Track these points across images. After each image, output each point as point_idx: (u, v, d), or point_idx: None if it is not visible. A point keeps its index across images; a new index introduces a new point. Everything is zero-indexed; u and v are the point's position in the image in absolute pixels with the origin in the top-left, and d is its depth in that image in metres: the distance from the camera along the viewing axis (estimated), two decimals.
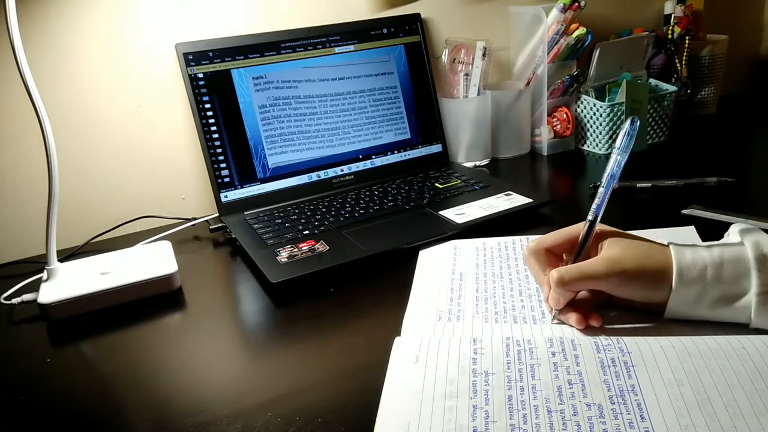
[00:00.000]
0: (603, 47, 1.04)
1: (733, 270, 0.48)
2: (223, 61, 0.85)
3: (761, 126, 1.17)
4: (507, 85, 1.09)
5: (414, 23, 0.98)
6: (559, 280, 0.50)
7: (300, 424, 0.45)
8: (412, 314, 0.57)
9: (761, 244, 0.48)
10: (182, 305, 0.66)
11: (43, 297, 0.64)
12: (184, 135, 0.90)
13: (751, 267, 0.47)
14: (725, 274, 0.48)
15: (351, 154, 0.94)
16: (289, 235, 0.76)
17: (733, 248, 0.49)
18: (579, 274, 0.50)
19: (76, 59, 0.83)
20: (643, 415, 0.41)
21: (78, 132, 0.85)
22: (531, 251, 0.56)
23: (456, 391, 0.44)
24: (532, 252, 0.56)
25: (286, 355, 0.55)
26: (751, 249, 0.48)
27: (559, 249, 0.55)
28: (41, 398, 0.52)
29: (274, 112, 0.88)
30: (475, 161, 1.03)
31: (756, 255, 0.48)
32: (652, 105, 1.04)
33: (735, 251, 0.49)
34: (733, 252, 0.49)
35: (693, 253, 0.49)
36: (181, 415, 0.47)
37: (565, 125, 1.05)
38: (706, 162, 0.96)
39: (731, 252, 0.49)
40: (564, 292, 0.51)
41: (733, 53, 1.24)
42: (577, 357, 0.47)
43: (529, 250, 0.56)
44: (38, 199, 0.82)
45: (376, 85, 0.95)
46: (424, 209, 0.81)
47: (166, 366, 0.56)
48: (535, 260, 0.56)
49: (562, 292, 0.51)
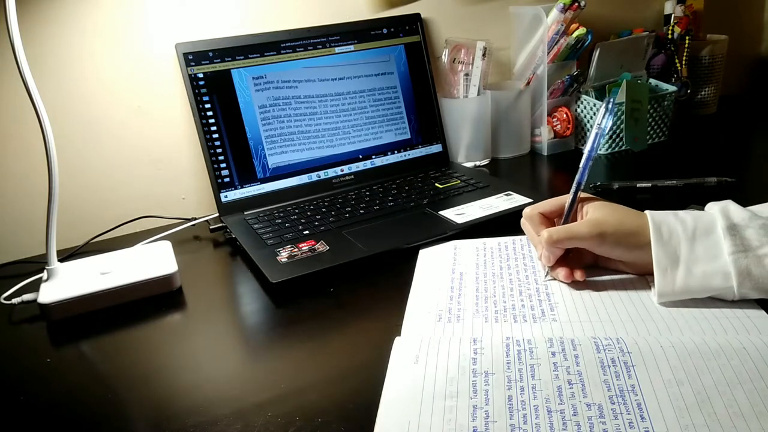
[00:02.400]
0: (603, 47, 1.04)
1: (704, 229, 0.54)
2: (223, 61, 0.85)
3: (761, 126, 1.17)
4: (507, 85, 1.09)
5: (414, 23, 0.98)
6: (548, 238, 0.58)
7: (300, 424, 0.45)
8: (412, 314, 0.57)
9: (729, 209, 0.55)
10: (182, 305, 0.66)
11: (43, 297, 0.64)
12: (184, 135, 0.90)
13: (720, 228, 0.53)
14: (698, 233, 0.54)
15: (351, 154, 0.94)
16: (289, 235, 0.76)
17: (702, 212, 0.56)
18: (565, 233, 0.58)
19: (77, 59, 0.83)
20: (643, 415, 0.41)
21: (78, 132, 0.85)
22: (526, 216, 0.63)
23: (456, 391, 0.44)
24: (528, 217, 0.63)
25: (286, 355, 0.55)
26: (720, 214, 0.54)
27: (551, 214, 0.63)
28: (41, 398, 0.52)
29: (274, 112, 0.88)
30: (475, 161, 1.03)
31: (724, 217, 0.54)
32: (652, 105, 1.04)
33: (705, 214, 0.56)
34: (703, 214, 0.55)
35: (666, 215, 0.56)
36: (181, 415, 0.47)
37: (565, 125, 1.05)
38: (706, 162, 0.96)
39: (701, 214, 0.56)
40: (553, 250, 0.59)
41: (733, 53, 1.24)
42: (577, 357, 0.47)
43: (525, 215, 0.64)
44: (38, 199, 0.82)
45: (376, 85, 0.95)
46: (424, 209, 0.81)
47: (166, 366, 0.56)
48: (530, 224, 0.63)
49: (552, 250, 0.59)
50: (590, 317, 0.54)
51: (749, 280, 0.51)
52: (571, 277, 0.59)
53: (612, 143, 1.03)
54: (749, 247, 0.52)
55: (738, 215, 0.54)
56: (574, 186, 0.61)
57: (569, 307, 0.56)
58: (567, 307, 0.56)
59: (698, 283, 0.53)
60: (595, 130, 0.61)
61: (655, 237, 0.54)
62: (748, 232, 0.52)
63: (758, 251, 0.51)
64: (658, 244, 0.54)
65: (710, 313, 0.52)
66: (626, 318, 0.53)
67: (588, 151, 0.61)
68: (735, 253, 0.52)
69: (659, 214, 0.56)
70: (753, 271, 0.51)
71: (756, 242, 0.52)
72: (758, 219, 0.53)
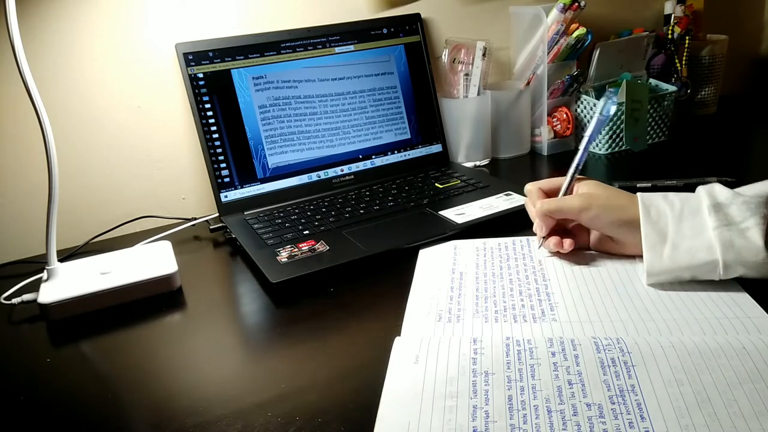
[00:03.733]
0: (603, 47, 1.04)
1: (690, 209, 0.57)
2: (223, 61, 0.85)
3: (761, 126, 1.17)
4: (507, 85, 1.09)
5: (414, 23, 0.98)
6: (540, 208, 0.63)
7: (300, 424, 0.45)
8: (412, 314, 0.57)
9: (714, 190, 0.57)
10: (182, 305, 0.66)
11: (43, 297, 0.64)
12: (184, 135, 0.90)
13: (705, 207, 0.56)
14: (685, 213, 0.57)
15: (351, 154, 0.94)
16: (289, 235, 0.76)
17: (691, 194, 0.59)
18: (557, 204, 0.63)
19: (77, 59, 0.83)
20: (643, 415, 0.41)
21: (78, 132, 0.85)
22: (527, 190, 0.68)
23: (456, 391, 0.44)
24: (528, 191, 0.68)
25: (286, 354, 0.55)
26: (705, 194, 0.57)
27: (550, 191, 0.67)
28: (41, 398, 0.52)
29: (274, 112, 0.88)
30: (475, 161, 1.03)
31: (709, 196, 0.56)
32: (652, 105, 1.04)
33: (692, 196, 0.58)
34: (691, 196, 0.58)
35: (656, 197, 0.59)
36: (181, 415, 0.47)
37: (565, 125, 1.05)
38: (706, 162, 0.96)
39: (689, 196, 0.58)
40: (546, 219, 0.64)
41: (733, 53, 1.24)
42: (577, 357, 0.47)
43: (526, 190, 0.68)
44: (38, 199, 0.82)
45: (376, 85, 0.95)
46: (424, 209, 0.81)
47: (166, 366, 0.56)
48: (529, 198, 0.68)
49: (545, 219, 0.64)
50: (590, 317, 0.54)
51: (732, 251, 0.53)
52: (560, 245, 0.64)
53: (612, 143, 1.03)
54: (732, 222, 0.54)
55: (722, 194, 0.56)
56: (572, 166, 0.65)
57: (569, 307, 0.56)
58: (567, 307, 0.56)
59: (685, 259, 0.55)
60: (596, 117, 0.65)
61: (644, 216, 0.57)
62: (732, 209, 0.55)
63: (741, 225, 0.54)
64: (647, 223, 0.57)
65: (710, 313, 0.52)
66: (626, 318, 0.53)
67: (588, 135, 0.65)
68: (719, 227, 0.54)
69: (649, 196, 0.59)
70: (736, 242, 0.54)
71: (739, 217, 0.54)
72: (741, 197, 0.56)
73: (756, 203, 0.54)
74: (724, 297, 0.55)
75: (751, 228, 0.54)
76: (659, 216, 0.57)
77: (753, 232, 0.53)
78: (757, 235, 0.53)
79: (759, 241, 0.53)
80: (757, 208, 0.54)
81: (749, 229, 0.53)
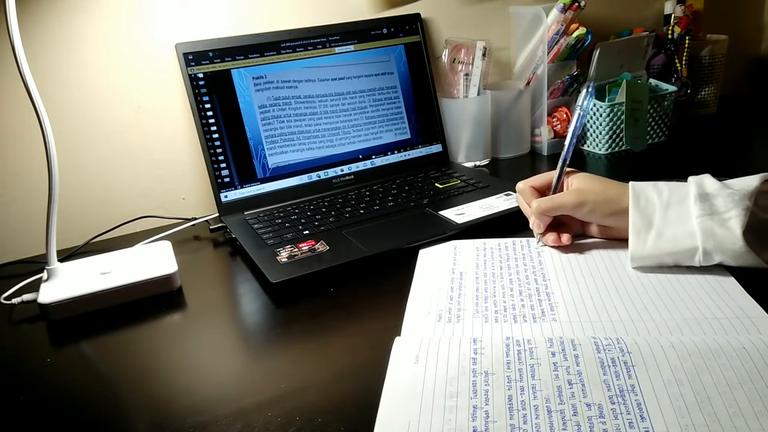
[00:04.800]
0: (603, 47, 1.04)
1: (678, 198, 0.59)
2: (223, 61, 0.85)
3: (761, 126, 1.17)
4: (507, 85, 1.09)
5: (414, 23, 0.98)
6: (537, 208, 0.65)
7: (300, 424, 0.45)
8: (412, 314, 0.57)
9: (703, 180, 0.59)
10: (182, 305, 0.66)
11: (43, 297, 0.64)
12: (184, 135, 0.90)
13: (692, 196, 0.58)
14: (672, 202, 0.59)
15: (351, 154, 0.94)
16: (289, 235, 0.76)
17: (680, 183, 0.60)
18: (552, 202, 0.65)
19: (77, 59, 0.83)
20: (643, 415, 0.41)
21: (78, 132, 0.85)
22: (519, 189, 0.69)
23: (456, 391, 0.44)
24: (520, 190, 0.69)
25: (286, 354, 0.55)
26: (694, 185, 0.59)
27: (541, 187, 0.68)
28: (41, 398, 0.52)
29: (274, 112, 0.88)
30: (475, 161, 1.03)
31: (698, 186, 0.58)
32: (652, 105, 1.04)
33: (681, 185, 0.60)
34: (680, 185, 0.60)
35: (647, 185, 0.61)
36: (181, 415, 0.47)
37: (565, 125, 1.05)
38: (706, 162, 0.96)
39: (678, 185, 0.60)
40: (542, 218, 0.66)
41: (733, 53, 1.24)
42: (577, 357, 0.47)
43: (518, 189, 0.69)
44: (38, 198, 0.82)
45: (376, 85, 0.95)
46: (424, 209, 0.81)
47: (166, 366, 0.56)
48: (522, 196, 0.69)
49: (541, 218, 0.66)
50: (590, 317, 0.54)
51: (712, 239, 0.56)
52: (558, 241, 0.66)
53: (612, 143, 1.03)
54: (716, 212, 0.56)
55: (711, 186, 0.58)
56: (560, 162, 0.67)
57: (569, 307, 0.56)
58: (567, 307, 0.56)
59: (668, 245, 0.58)
60: (577, 111, 0.67)
61: (633, 204, 0.60)
62: (718, 200, 0.57)
63: (724, 215, 0.56)
64: (635, 210, 0.60)
65: (710, 313, 0.53)
66: (626, 318, 0.53)
67: (572, 130, 0.67)
68: (702, 216, 0.57)
69: (640, 185, 0.61)
70: (716, 231, 0.56)
71: (722, 208, 0.56)
72: (728, 189, 0.57)
73: (740, 195, 0.56)
74: (724, 297, 0.55)
75: (732, 218, 0.56)
76: (647, 203, 0.60)
77: (733, 222, 0.55)
78: (737, 225, 0.55)
79: (738, 230, 0.55)
80: (741, 200, 0.56)
81: (730, 219, 0.56)
